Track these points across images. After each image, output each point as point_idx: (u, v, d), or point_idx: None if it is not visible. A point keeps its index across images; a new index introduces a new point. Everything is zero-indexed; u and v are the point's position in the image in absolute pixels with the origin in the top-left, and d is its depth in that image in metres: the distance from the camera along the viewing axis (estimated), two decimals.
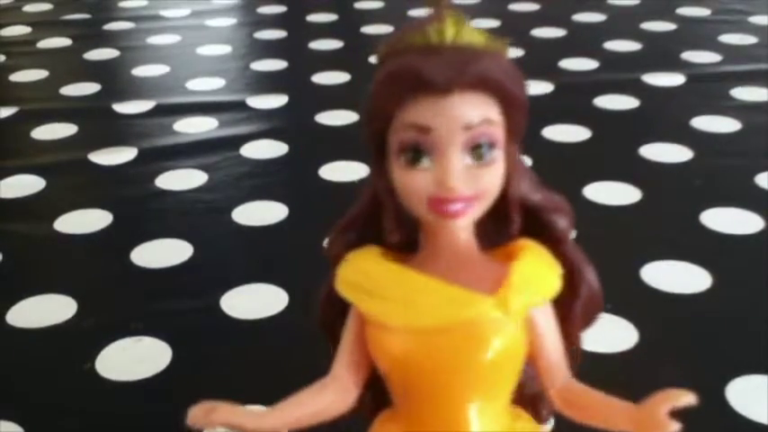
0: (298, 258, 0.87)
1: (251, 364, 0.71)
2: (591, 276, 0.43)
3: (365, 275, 0.39)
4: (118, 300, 0.82)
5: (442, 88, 0.35)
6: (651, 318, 0.75)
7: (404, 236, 0.40)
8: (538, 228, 0.41)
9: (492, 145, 0.37)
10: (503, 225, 0.40)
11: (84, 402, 0.68)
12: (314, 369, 0.68)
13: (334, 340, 0.42)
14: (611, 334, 0.72)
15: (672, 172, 1.03)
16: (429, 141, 0.36)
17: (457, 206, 0.36)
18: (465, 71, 0.35)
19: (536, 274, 0.39)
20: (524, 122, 0.38)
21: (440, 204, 0.36)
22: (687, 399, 0.34)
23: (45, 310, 0.79)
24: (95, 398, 0.68)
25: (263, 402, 0.66)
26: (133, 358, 0.72)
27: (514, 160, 0.39)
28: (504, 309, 0.37)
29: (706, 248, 0.86)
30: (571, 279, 0.41)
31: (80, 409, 0.67)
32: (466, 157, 0.36)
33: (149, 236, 0.91)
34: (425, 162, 0.36)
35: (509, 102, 0.37)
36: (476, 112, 0.36)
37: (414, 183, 0.36)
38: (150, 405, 0.68)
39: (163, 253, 0.88)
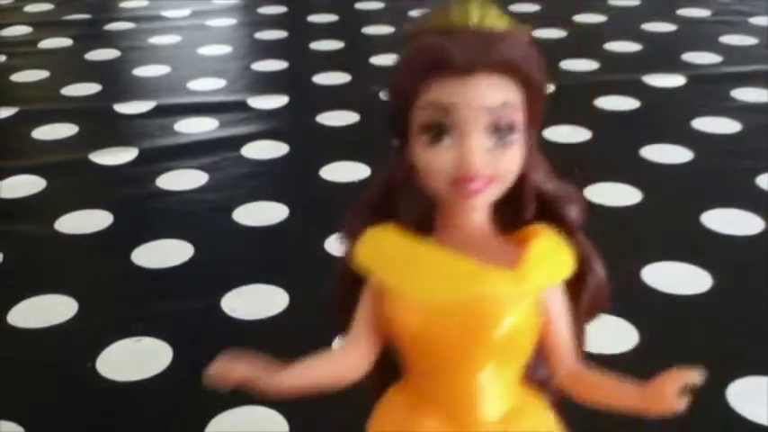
0: (298, 258, 0.87)
1: None
2: (599, 268, 0.43)
3: (384, 250, 0.40)
4: (118, 300, 0.82)
5: (465, 69, 0.36)
6: (651, 318, 0.75)
7: (420, 216, 0.41)
8: (549, 217, 0.41)
9: (512, 128, 0.37)
10: (516, 211, 0.41)
11: (85, 402, 0.68)
12: None
13: (345, 319, 0.43)
14: (612, 334, 0.72)
15: (672, 173, 1.03)
16: (451, 121, 0.36)
17: (476, 185, 0.37)
18: (488, 53, 0.36)
19: (551, 254, 0.40)
20: (543, 108, 0.39)
21: (460, 183, 0.37)
22: (693, 376, 0.36)
23: (46, 310, 0.79)
24: (96, 397, 0.68)
25: (263, 403, 0.66)
26: (134, 358, 0.72)
27: (532, 146, 0.39)
28: (520, 284, 0.38)
29: (706, 249, 0.86)
30: (579, 269, 0.41)
31: (81, 408, 0.67)
32: (486, 138, 0.37)
33: (150, 236, 0.91)
34: (447, 141, 0.37)
35: (530, 86, 0.38)
36: (497, 94, 0.36)
37: (435, 161, 0.37)
38: (151, 405, 0.68)
39: (163, 253, 0.88)
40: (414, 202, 0.40)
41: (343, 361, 0.41)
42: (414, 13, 1.66)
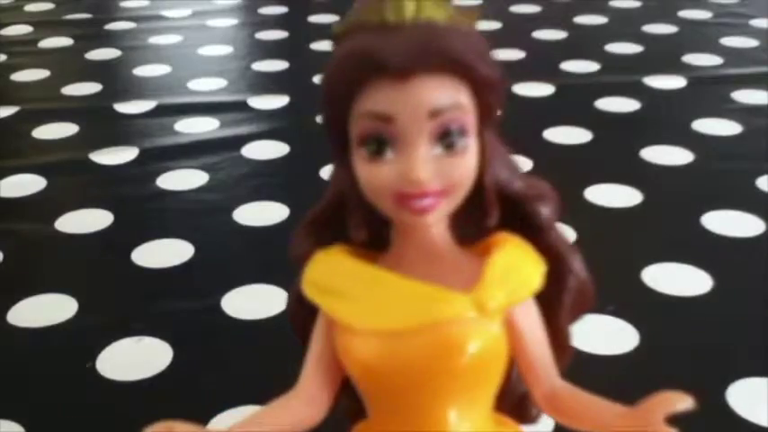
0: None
1: (251, 365, 0.71)
2: (578, 266, 0.39)
3: (332, 276, 0.37)
4: (119, 299, 0.82)
5: (403, 71, 0.32)
6: (652, 320, 0.75)
7: (371, 233, 0.37)
8: (519, 217, 0.38)
9: (462, 132, 0.33)
10: (480, 216, 0.37)
11: (85, 402, 0.68)
12: None
13: (306, 344, 0.40)
14: (612, 336, 0.72)
15: (673, 174, 1.03)
16: (392, 131, 0.32)
17: (425, 202, 0.33)
18: (427, 51, 0.32)
19: (515, 268, 0.36)
20: (499, 103, 0.35)
21: (406, 200, 0.33)
22: (686, 403, 0.31)
23: (46, 310, 0.79)
24: (96, 397, 0.68)
25: (262, 403, 0.66)
26: (134, 358, 0.72)
27: (490, 147, 0.36)
28: (480, 308, 0.34)
29: (707, 251, 0.86)
30: (557, 270, 0.38)
31: (81, 408, 0.67)
32: (434, 146, 0.33)
33: (150, 236, 0.91)
34: (389, 154, 0.33)
35: (479, 82, 0.33)
36: (442, 96, 0.32)
37: (377, 177, 0.33)
38: (151, 405, 0.67)
39: (164, 253, 0.88)
40: (363, 218, 0.37)
41: (294, 410, 0.37)
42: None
